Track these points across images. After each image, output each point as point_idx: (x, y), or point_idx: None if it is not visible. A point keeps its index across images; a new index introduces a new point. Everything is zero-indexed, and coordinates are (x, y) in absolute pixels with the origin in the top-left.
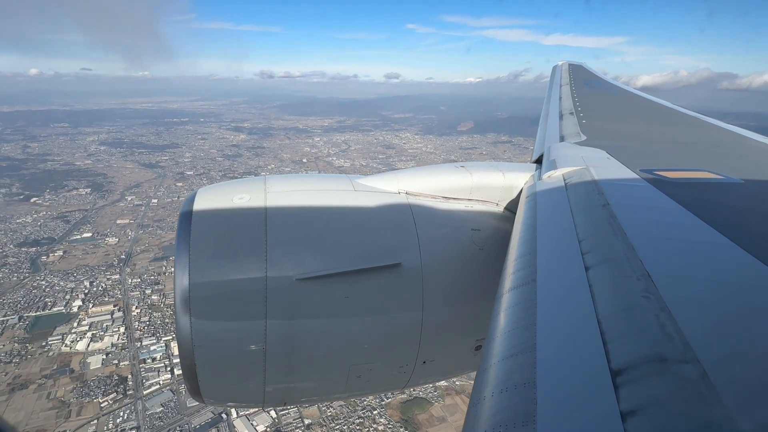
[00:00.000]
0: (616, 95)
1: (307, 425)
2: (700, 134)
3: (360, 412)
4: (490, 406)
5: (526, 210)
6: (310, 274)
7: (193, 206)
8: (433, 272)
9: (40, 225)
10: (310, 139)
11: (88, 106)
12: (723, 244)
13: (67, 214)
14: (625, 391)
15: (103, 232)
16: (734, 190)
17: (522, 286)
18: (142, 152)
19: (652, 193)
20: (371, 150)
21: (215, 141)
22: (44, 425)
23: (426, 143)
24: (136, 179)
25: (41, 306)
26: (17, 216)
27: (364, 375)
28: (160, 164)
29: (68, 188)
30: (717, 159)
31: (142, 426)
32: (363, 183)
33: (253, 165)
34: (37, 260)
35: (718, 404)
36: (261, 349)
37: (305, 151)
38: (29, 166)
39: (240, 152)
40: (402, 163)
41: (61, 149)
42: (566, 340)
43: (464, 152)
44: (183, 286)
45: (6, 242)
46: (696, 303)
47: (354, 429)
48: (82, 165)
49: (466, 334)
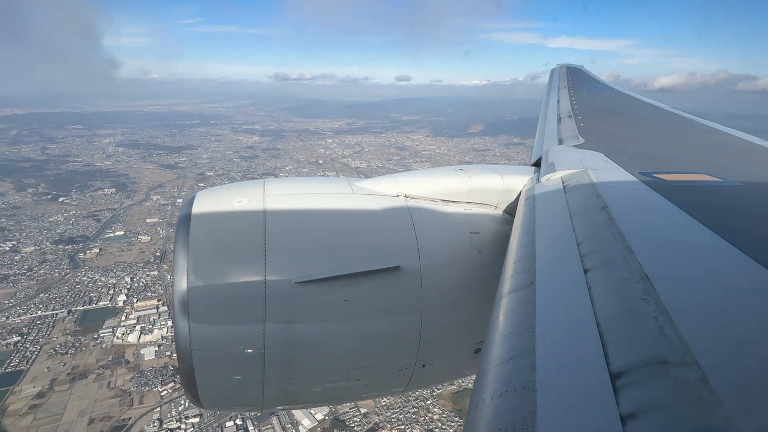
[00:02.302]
0: (614, 98)
1: (363, 414)
2: (698, 137)
3: (413, 402)
4: (490, 409)
5: (524, 213)
6: (309, 277)
7: (191, 209)
8: (432, 275)
9: (72, 223)
10: (322, 141)
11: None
12: (721, 247)
13: (96, 213)
14: (625, 394)
15: (134, 230)
16: (732, 192)
17: (521, 289)
18: (160, 153)
19: (650, 196)
20: (385, 151)
21: (229, 143)
22: (109, 412)
23: (438, 145)
24: (157, 180)
25: (87, 301)
26: (48, 215)
27: (363, 378)
28: (179, 165)
29: (93, 188)
30: (715, 162)
31: (204, 413)
32: (362, 186)
33: (270, 166)
34: (75, 257)
35: (717, 407)
36: (260, 353)
37: (319, 153)
38: (51, 167)
39: (255, 153)
40: (417, 164)
41: (79, 150)
42: (565, 343)
43: (478, 154)
44: (181, 289)
45: (42, 240)
46: (695, 305)
47: (410, 417)
48: (102, 166)
49: (466, 337)
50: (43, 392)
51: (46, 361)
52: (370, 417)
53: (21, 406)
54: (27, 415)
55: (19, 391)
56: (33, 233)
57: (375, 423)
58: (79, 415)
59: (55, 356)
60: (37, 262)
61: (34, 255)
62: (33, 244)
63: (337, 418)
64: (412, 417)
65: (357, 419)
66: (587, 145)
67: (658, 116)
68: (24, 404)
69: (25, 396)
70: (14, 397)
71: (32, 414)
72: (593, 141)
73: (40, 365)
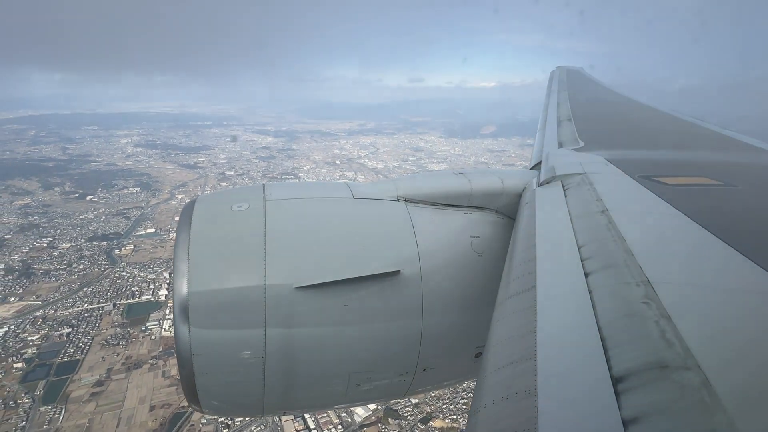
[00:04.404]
0: (613, 101)
1: (414, 404)
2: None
3: (462, 393)
4: (491, 414)
5: (525, 216)
6: (310, 282)
7: (192, 214)
8: (432, 279)
9: (102, 221)
10: (336, 142)
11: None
12: (721, 249)
13: (125, 211)
14: (627, 398)
15: (164, 227)
16: (732, 194)
17: (522, 293)
18: (178, 153)
19: (650, 199)
20: (400, 152)
21: (245, 143)
22: (168, 400)
23: (452, 146)
24: (180, 179)
25: (129, 295)
26: (78, 213)
27: (363, 383)
28: (199, 165)
29: (118, 187)
30: (715, 164)
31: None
32: (362, 190)
33: (288, 166)
34: (111, 253)
35: (720, 411)
36: (260, 358)
37: (335, 153)
38: (74, 167)
39: (272, 154)
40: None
41: (99, 150)
42: (567, 347)
43: (493, 155)
44: (182, 294)
45: (77, 237)
46: (696, 309)
47: (460, 408)
48: (124, 165)
49: (466, 342)
50: (101, 380)
51: (100, 352)
52: (422, 407)
53: (83, 393)
54: (90, 402)
55: (79, 380)
56: (67, 230)
57: (427, 413)
58: (139, 402)
59: (107, 347)
60: (75, 258)
61: (71, 251)
62: (68, 240)
63: (389, 407)
64: (462, 408)
65: (409, 409)
66: (587, 149)
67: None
68: (85, 391)
69: (85, 384)
70: (75, 384)
71: (94, 401)
72: (593, 144)
73: (94, 355)
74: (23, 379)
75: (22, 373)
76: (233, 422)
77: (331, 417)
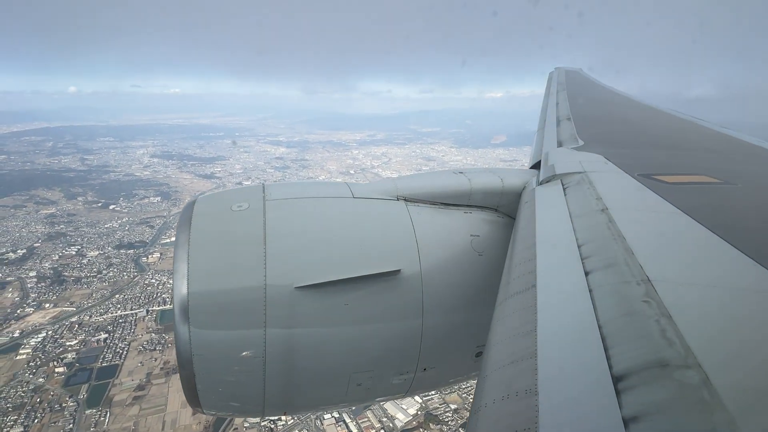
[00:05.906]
0: (612, 100)
1: (453, 410)
2: (697, 138)
3: None
4: (492, 413)
5: (525, 215)
6: (310, 281)
7: (192, 214)
8: (432, 279)
9: (127, 229)
10: (348, 152)
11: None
12: (722, 248)
13: (148, 220)
14: (627, 397)
15: None
16: (732, 193)
17: (522, 292)
18: (194, 164)
19: (650, 197)
20: (413, 162)
21: (258, 154)
22: None
23: (464, 156)
24: (198, 188)
25: (161, 302)
26: (103, 222)
27: (364, 383)
28: (216, 175)
29: (139, 197)
30: (714, 162)
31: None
32: (361, 190)
33: (303, 176)
34: (138, 261)
35: (720, 409)
36: (260, 358)
37: (348, 163)
38: (94, 177)
39: (286, 164)
40: None
41: (117, 161)
42: (567, 346)
43: (506, 164)
44: (182, 295)
45: (103, 245)
46: (697, 307)
47: None
48: (142, 176)
49: (467, 341)
50: (142, 385)
51: (138, 357)
52: (461, 412)
53: (125, 397)
54: (133, 406)
55: (120, 384)
56: (93, 238)
57: (466, 418)
58: (182, 406)
59: (144, 352)
60: (105, 266)
61: (100, 259)
62: (96, 248)
63: (429, 413)
64: None
65: (449, 414)
66: (587, 148)
67: (656, 118)
68: (127, 395)
69: (126, 388)
70: (117, 389)
71: (138, 404)
72: (593, 143)
73: (132, 360)
74: (66, 383)
75: (64, 377)
76: (276, 425)
77: (372, 422)
